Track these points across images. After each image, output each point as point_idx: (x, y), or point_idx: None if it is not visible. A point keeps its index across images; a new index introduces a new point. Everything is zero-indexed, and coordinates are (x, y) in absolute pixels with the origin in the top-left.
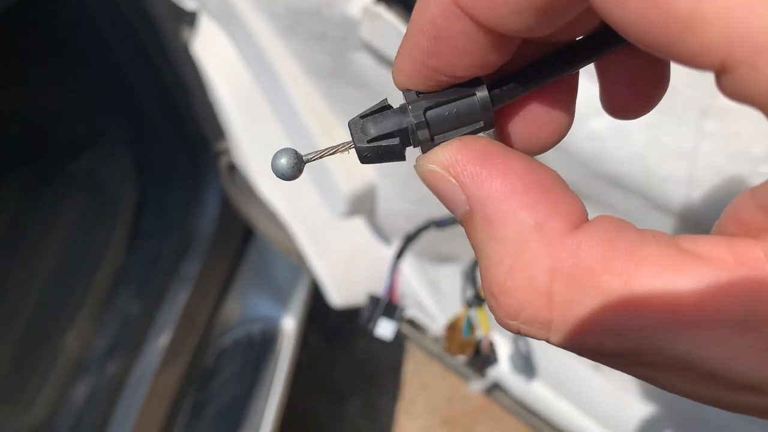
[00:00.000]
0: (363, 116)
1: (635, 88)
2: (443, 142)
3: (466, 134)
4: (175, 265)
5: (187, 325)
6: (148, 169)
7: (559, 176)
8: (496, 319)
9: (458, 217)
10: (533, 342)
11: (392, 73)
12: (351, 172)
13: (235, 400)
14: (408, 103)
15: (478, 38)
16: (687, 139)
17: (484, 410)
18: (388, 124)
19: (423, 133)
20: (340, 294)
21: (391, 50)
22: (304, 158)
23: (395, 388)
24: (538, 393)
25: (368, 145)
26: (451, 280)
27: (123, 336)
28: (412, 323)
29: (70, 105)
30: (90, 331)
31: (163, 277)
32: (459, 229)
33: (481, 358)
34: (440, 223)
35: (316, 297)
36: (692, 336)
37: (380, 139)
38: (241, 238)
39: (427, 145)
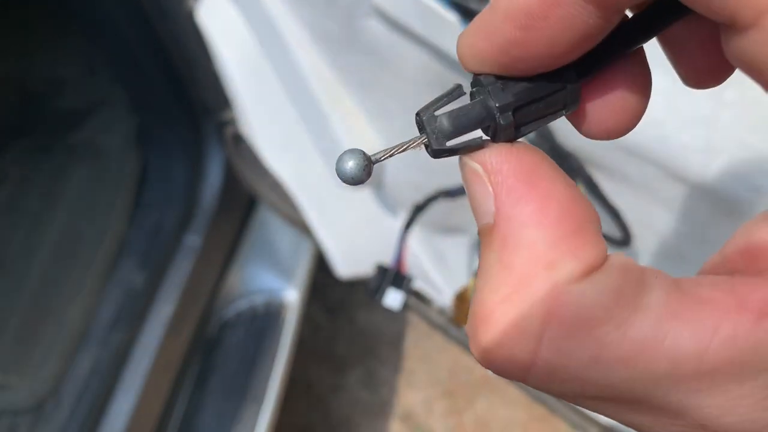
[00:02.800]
0: (438, 109)
1: (705, 59)
2: (521, 135)
3: (547, 122)
4: (178, 236)
5: (191, 296)
6: (150, 139)
7: (597, 218)
8: (471, 347)
9: (479, 226)
10: None
11: (459, 51)
12: (359, 141)
13: (238, 371)
14: (494, 100)
15: (587, 19)
16: (706, 108)
17: (485, 382)
18: (468, 123)
19: (507, 133)
20: (345, 265)
21: (404, 15)
22: (372, 159)
23: (396, 359)
24: None
25: (447, 146)
26: (458, 251)
27: (126, 307)
28: (417, 294)
29: (71, 74)
30: (93, 302)
31: (166, 248)
32: (467, 200)
33: None
34: (450, 193)
35: (318, 269)
36: (688, 386)
37: (459, 137)
38: (244, 209)
39: (506, 139)
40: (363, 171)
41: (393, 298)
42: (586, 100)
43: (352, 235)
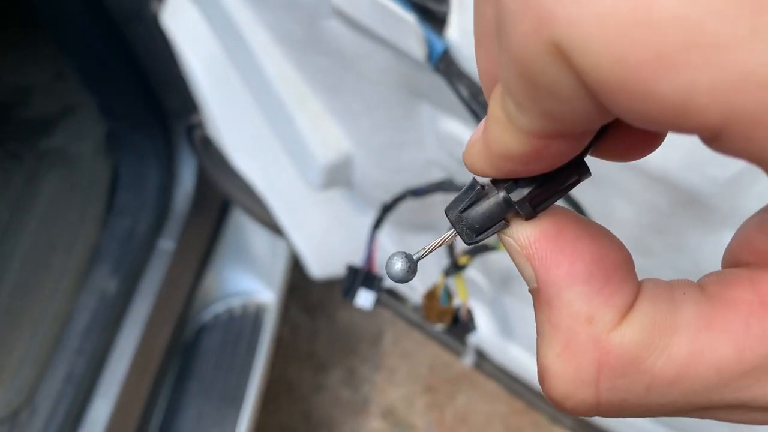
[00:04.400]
0: (462, 210)
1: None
2: (541, 210)
3: (564, 193)
4: (152, 241)
5: (166, 300)
6: (120, 145)
7: (628, 259)
8: (546, 396)
9: (529, 289)
10: (510, 309)
11: (466, 165)
12: (327, 143)
13: (217, 373)
14: (512, 196)
15: (576, 143)
16: None
17: (465, 377)
18: (491, 216)
19: (528, 217)
20: (319, 265)
21: (363, 16)
22: (415, 257)
23: (377, 357)
24: (518, 358)
25: (477, 238)
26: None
27: (101, 313)
28: (392, 293)
29: (38, 81)
30: (67, 309)
31: (140, 254)
32: (436, 198)
33: (460, 325)
34: (417, 192)
35: (296, 270)
36: (738, 385)
37: (486, 231)
38: (217, 212)
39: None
40: (409, 271)
41: (364, 298)
42: (602, 140)
43: (324, 235)
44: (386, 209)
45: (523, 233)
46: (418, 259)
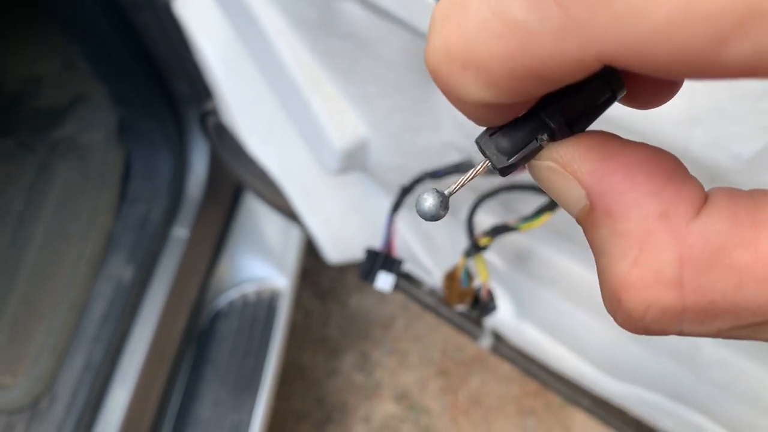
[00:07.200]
0: (492, 133)
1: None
2: (578, 131)
3: (600, 112)
4: (166, 229)
5: (181, 288)
6: (133, 133)
7: (679, 161)
8: (617, 322)
9: (575, 215)
10: (528, 289)
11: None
12: (342, 127)
13: (232, 359)
14: (540, 108)
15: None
16: None
17: (478, 360)
18: (524, 136)
19: (563, 133)
20: (334, 250)
21: None
22: (446, 192)
23: (389, 341)
24: (534, 338)
25: (509, 162)
26: (446, 233)
27: (117, 301)
28: (407, 276)
29: (48, 71)
30: (83, 298)
31: (154, 241)
32: (454, 180)
33: (480, 306)
34: (435, 174)
35: (309, 255)
36: None
37: (518, 152)
38: (230, 198)
39: (563, 138)
40: (440, 207)
41: (384, 281)
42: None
43: (340, 219)
44: (405, 192)
45: (564, 149)
46: (450, 194)
